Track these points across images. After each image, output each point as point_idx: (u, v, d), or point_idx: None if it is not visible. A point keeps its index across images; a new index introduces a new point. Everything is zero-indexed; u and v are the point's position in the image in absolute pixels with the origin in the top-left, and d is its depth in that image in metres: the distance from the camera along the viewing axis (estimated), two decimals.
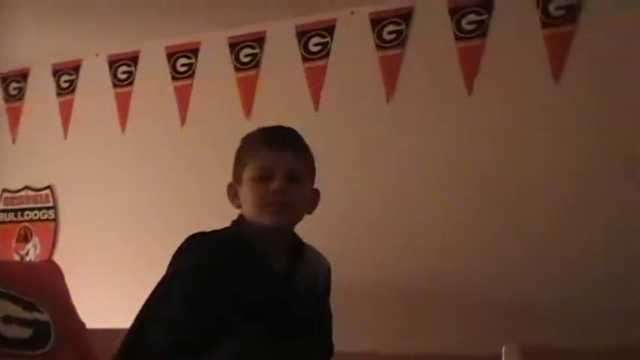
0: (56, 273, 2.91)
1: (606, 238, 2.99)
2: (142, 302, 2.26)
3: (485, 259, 3.18)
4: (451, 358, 2.57)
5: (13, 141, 4.35)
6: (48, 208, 4.18)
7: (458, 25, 3.27)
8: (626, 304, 2.87)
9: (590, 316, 2.92)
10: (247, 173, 2.24)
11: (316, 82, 3.54)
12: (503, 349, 1.28)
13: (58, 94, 4.23)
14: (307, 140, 2.32)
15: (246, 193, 2.25)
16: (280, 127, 2.33)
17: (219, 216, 2.38)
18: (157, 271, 2.28)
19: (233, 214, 2.40)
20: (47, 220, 4.18)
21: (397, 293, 3.27)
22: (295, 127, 2.35)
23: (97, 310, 3.14)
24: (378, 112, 3.43)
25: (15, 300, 2.53)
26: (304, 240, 2.41)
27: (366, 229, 3.39)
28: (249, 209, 2.25)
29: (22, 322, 2.49)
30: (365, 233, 3.38)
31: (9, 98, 4.38)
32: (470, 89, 3.24)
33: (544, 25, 3.14)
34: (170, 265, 2.23)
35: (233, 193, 2.32)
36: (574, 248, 3.03)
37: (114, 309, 3.62)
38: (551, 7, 3.15)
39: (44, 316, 2.56)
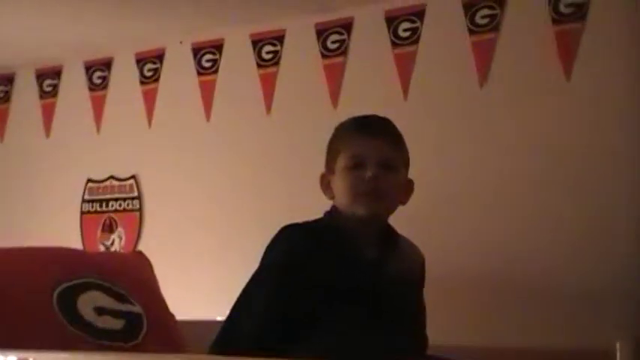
0: (145, 264, 2.96)
1: None
2: (229, 294, 2.31)
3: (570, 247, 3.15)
4: (553, 353, 2.55)
5: (98, 130, 4.42)
6: (132, 199, 4.26)
7: (555, 8, 3.24)
8: None
9: None
10: (340, 162, 2.30)
11: (406, 68, 3.53)
12: (617, 345, 1.27)
13: (142, 83, 4.28)
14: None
15: (338, 182, 2.31)
16: (374, 116, 2.42)
17: (307, 206, 2.42)
18: (245, 262, 2.33)
19: (324, 203, 2.44)
20: (132, 210, 4.25)
21: (485, 284, 3.27)
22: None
23: (183, 302, 3.19)
24: (470, 99, 3.42)
25: (107, 291, 2.59)
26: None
27: (456, 218, 3.39)
28: (341, 199, 2.31)
29: (115, 314, 2.54)
30: (456, 222, 3.38)
31: (93, 87, 4.45)
32: (568, 75, 3.21)
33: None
34: (263, 256, 2.30)
35: (326, 183, 2.38)
36: None
37: (199, 301, 3.72)
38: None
39: (136, 308, 2.61)
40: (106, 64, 4.45)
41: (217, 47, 4.08)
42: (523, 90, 3.31)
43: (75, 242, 4.28)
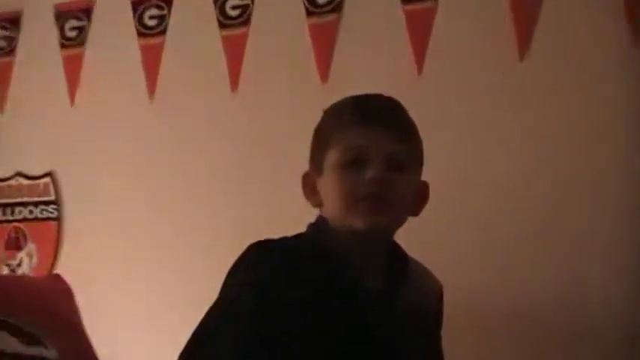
0: (65, 292, 2.96)
1: None
2: (177, 331, 2.22)
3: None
4: None
5: (1, 110, 4.43)
6: (47, 203, 4.26)
7: None
8: None
9: None
10: (331, 157, 2.26)
11: (420, 31, 3.52)
12: None
13: (63, 46, 4.30)
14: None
15: (329, 185, 2.27)
16: (378, 97, 2.35)
17: (287, 217, 2.40)
18: (198, 290, 2.30)
19: (308, 213, 2.39)
20: (47, 219, 4.25)
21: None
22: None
23: (115, 343, 3.20)
24: (505, 74, 3.42)
25: (13, 330, 2.58)
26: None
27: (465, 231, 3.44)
28: (333, 207, 2.27)
29: None
30: (462, 228, 3.42)
31: None
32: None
33: None
34: (224, 285, 2.24)
35: (310, 186, 2.34)
36: None
37: (136, 341, 3.77)
38: None
39: (51, 353, 2.61)
40: (13, 21, 4.44)
41: (165, 0, 4.08)
42: (577, 63, 3.32)
43: None
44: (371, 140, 2.24)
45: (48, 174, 4.28)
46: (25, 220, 4.31)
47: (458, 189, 3.39)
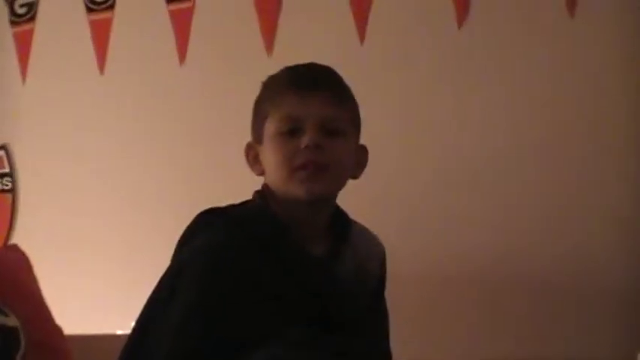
0: (21, 261, 2.97)
1: None
2: (130, 299, 2.39)
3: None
4: None
5: None
6: (2, 176, 4.30)
7: None
8: None
9: None
10: (270, 127, 2.34)
11: (362, 7, 3.56)
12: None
13: (13, 23, 4.31)
14: (350, 81, 2.39)
15: (268, 154, 2.35)
16: (311, 65, 2.43)
17: (234, 185, 2.52)
18: (155, 259, 2.36)
19: (255, 182, 2.45)
20: (2, 191, 4.29)
21: (477, 283, 3.35)
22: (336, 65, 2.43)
23: (72, 311, 3.25)
24: (445, 42, 3.45)
25: None
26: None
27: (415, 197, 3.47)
28: (274, 176, 2.35)
29: None
30: (428, 205, 3.45)
31: None
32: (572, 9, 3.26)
33: None
34: (175, 253, 2.34)
35: (253, 155, 2.42)
36: None
37: (94, 309, 3.82)
38: None
39: (11, 320, 2.64)
40: None
41: None
42: (514, 30, 3.36)
43: None
44: (305, 107, 2.31)
45: (2, 147, 4.30)
46: None
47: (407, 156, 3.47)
